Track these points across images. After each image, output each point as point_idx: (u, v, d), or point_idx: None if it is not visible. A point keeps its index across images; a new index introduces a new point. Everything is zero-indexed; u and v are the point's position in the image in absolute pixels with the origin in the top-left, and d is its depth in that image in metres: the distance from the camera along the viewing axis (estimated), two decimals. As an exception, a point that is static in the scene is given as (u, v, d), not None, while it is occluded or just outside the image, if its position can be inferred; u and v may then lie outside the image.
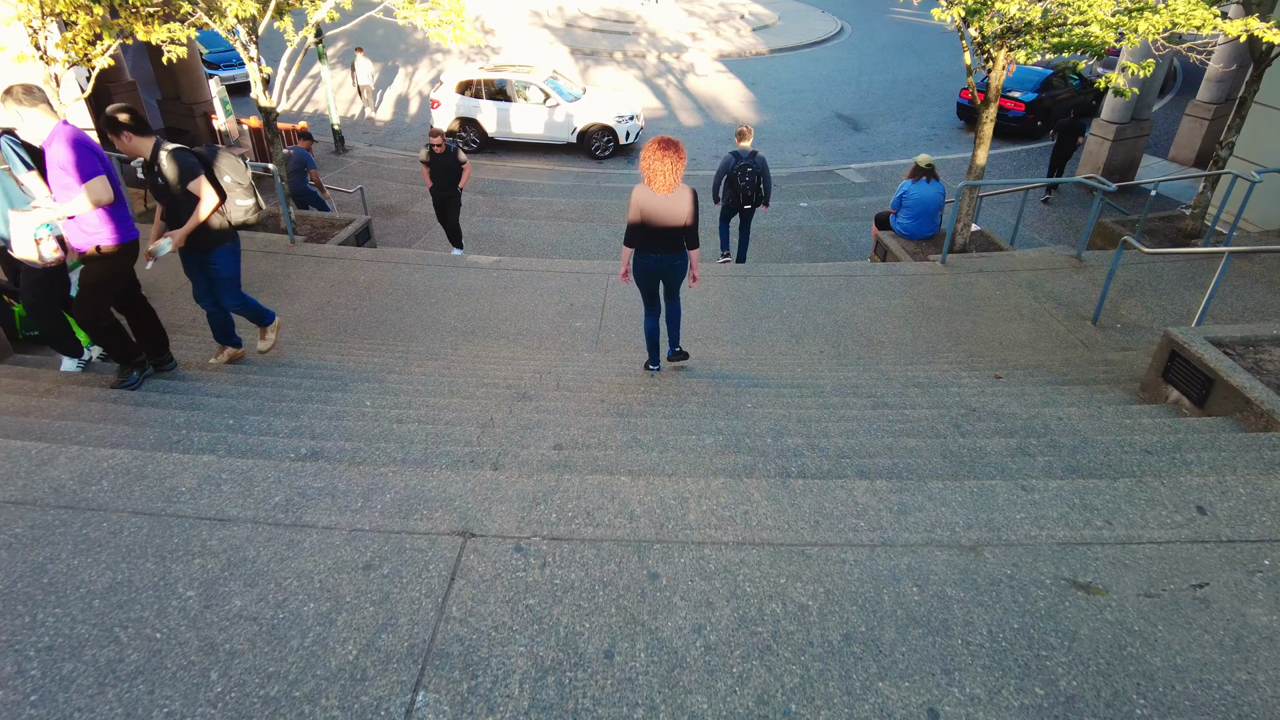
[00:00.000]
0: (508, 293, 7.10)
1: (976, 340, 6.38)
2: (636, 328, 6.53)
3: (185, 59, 15.08)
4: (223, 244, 4.25)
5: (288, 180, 10.37)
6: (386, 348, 5.75)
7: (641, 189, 4.44)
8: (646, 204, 4.40)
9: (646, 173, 4.33)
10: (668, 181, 4.28)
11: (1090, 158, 14.14)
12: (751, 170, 7.93)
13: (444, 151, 8.71)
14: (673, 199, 4.37)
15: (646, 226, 4.48)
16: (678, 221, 4.44)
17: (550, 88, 15.24)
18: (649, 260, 4.66)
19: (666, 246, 4.56)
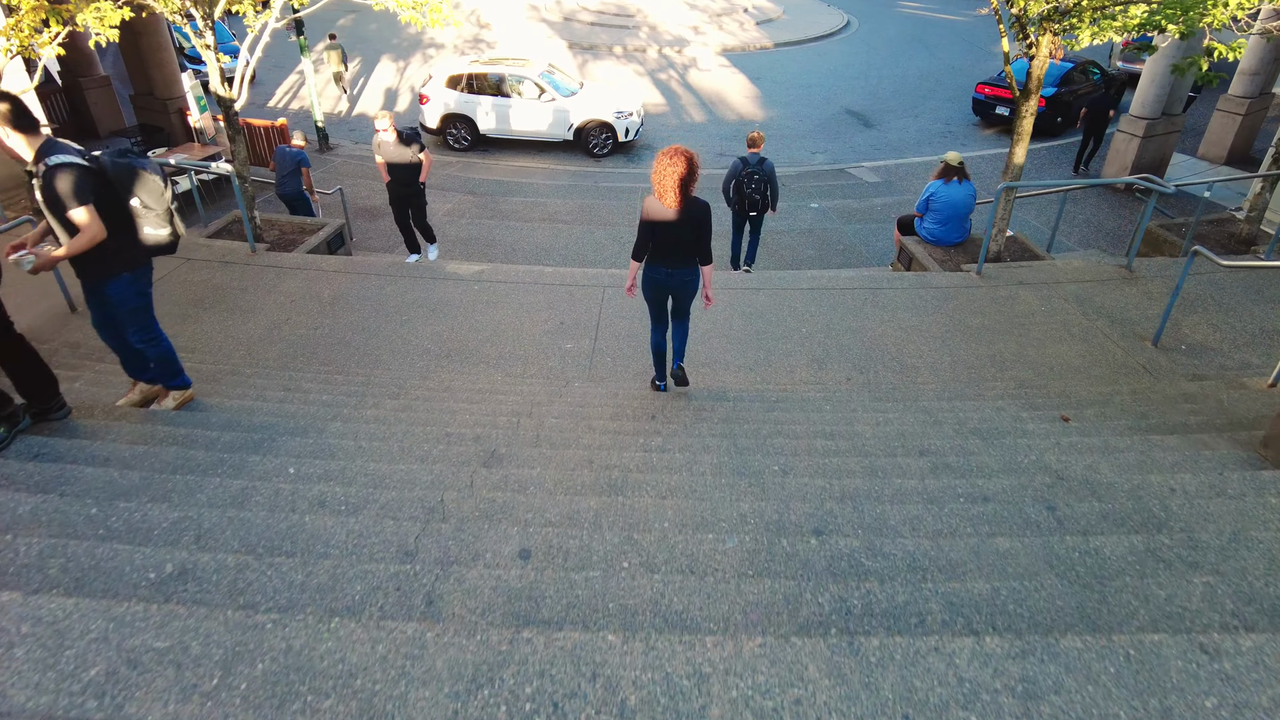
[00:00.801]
0: (490, 308, 6.29)
1: (1024, 365, 5.57)
2: (634, 350, 5.73)
3: (158, 50, 14.34)
4: (117, 275, 3.43)
5: (282, 182, 9.59)
6: (344, 378, 4.95)
7: (651, 201, 4.26)
8: (656, 216, 4.22)
9: (657, 186, 4.16)
10: (677, 196, 4.09)
11: (1118, 155, 13.31)
12: (759, 178, 7.68)
13: (398, 140, 7.37)
14: (683, 212, 4.17)
15: (657, 239, 4.30)
16: (691, 235, 4.25)
17: (545, 82, 14.42)
18: (658, 273, 4.43)
19: (677, 260, 4.36)
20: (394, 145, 7.34)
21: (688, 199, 4.18)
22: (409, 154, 7.41)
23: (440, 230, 11.48)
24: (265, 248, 7.41)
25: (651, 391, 4.91)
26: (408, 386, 4.77)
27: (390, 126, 7.31)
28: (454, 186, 13.23)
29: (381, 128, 7.28)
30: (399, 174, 7.56)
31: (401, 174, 7.56)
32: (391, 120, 7.29)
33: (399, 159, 7.43)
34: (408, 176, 7.59)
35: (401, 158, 7.41)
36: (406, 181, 7.64)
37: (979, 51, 23.47)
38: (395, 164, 7.50)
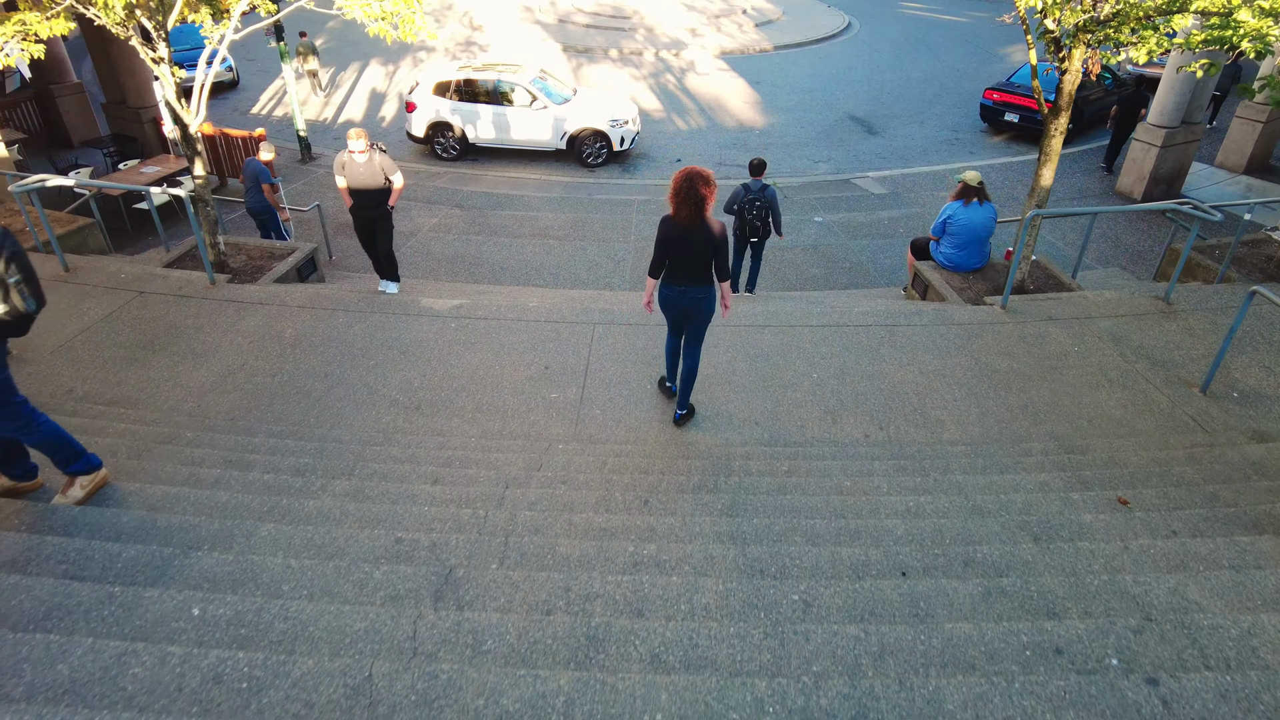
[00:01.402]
0: (467, 350, 5.70)
1: (1060, 417, 4.99)
2: (625, 399, 5.14)
3: (130, 56, 13.70)
4: None
5: (248, 196, 9.01)
6: (295, 444, 4.35)
7: (668, 220, 4.34)
8: (672, 235, 4.32)
9: (674, 205, 4.23)
10: (694, 214, 4.17)
11: (1135, 165, 12.75)
12: (760, 204, 7.52)
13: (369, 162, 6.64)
14: (699, 232, 4.25)
15: (673, 257, 4.39)
16: (706, 254, 4.33)
17: (537, 89, 13.83)
18: (673, 292, 4.52)
19: (692, 279, 4.43)
20: (362, 167, 6.62)
21: (704, 219, 4.24)
22: (378, 179, 6.68)
23: (425, 247, 10.91)
24: (227, 278, 6.81)
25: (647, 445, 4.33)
26: (366, 456, 4.18)
27: (366, 147, 6.57)
28: (441, 199, 12.64)
29: (355, 148, 6.51)
30: (364, 196, 6.80)
31: (367, 196, 6.81)
32: (367, 139, 6.57)
33: (367, 183, 6.70)
34: (374, 199, 6.83)
35: (369, 182, 6.68)
36: (372, 204, 6.86)
37: (983, 54, 22.91)
38: (360, 189, 6.73)
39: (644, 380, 5.35)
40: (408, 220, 11.74)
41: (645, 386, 5.28)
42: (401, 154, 14.88)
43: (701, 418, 4.97)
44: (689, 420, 4.92)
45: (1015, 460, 4.28)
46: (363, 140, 6.53)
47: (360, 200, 6.83)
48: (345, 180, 6.69)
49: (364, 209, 6.90)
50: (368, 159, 6.61)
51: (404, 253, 10.69)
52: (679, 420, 4.88)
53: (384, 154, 6.70)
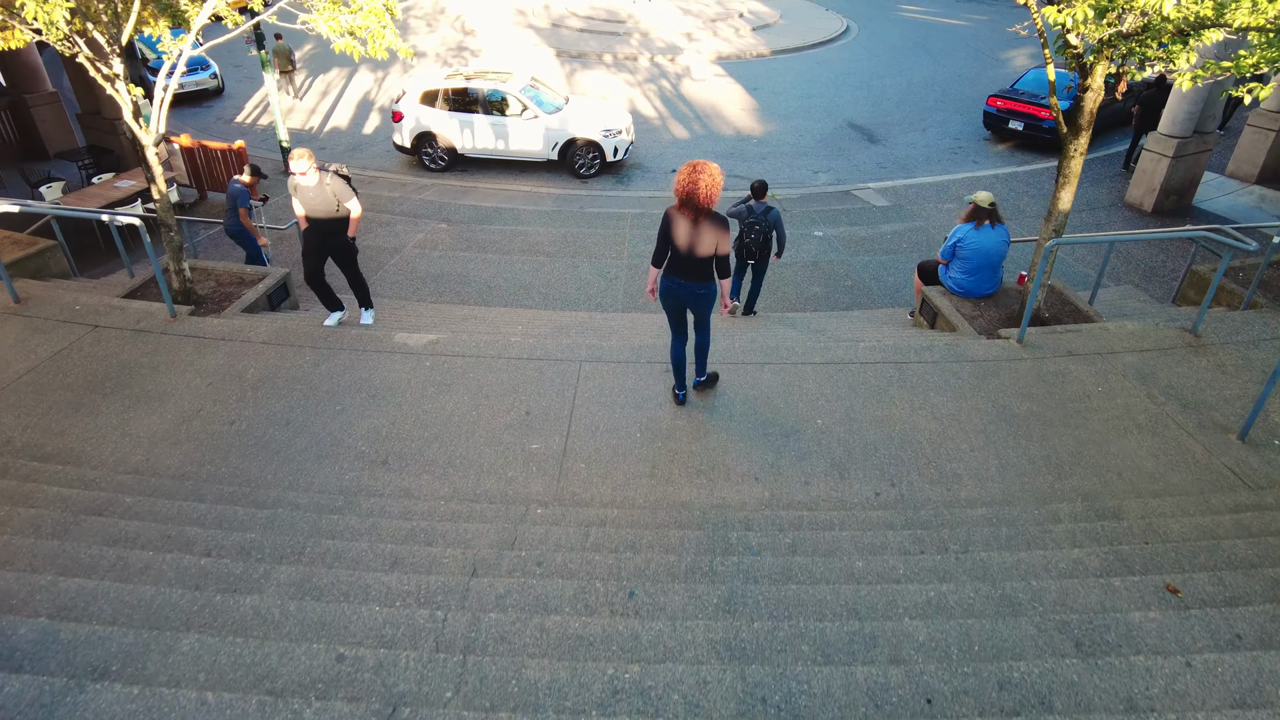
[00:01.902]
0: (442, 393, 5.26)
1: (1087, 470, 4.57)
2: (613, 450, 4.71)
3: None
4: None
5: (226, 218, 8.57)
6: (245, 512, 3.91)
7: (673, 211, 4.38)
8: (677, 227, 4.35)
9: (679, 196, 4.26)
10: (700, 207, 4.23)
11: (1145, 176, 12.36)
12: (759, 228, 7.31)
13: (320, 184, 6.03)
14: (704, 226, 4.31)
15: (675, 250, 4.43)
16: (708, 249, 4.36)
17: (528, 98, 13.41)
18: (674, 284, 4.58)
19: (694, 274, 4.48)
20: (312, 191, 6.03)
21: (709, 212, 4.27)
22: (330, 205, 6.10)
23: (410, 265, 10.47)
24: (189, 310, 6.37)
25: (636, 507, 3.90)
26: (321, 529, 3.74)
27: (311, 168, 5.95)
28: (428, 213, 12.21)
29: (298, 169, 5.90)
30: (320, 224, 6.22)
31: (322, 224, 6.22)
32: (312, 159, 5.98)
33: (319, 209, 6.11)
34: (329, 227, 6.24)
35: (322, 207, 6.09)
36: (328, 231, 6.25)
37: (985, 59, 22.53)
38: (314, 216, 6.18)
39: (632, 426, 4.92)
40: (392, 236, 11.31)
41: (634, 434, 4.85)
42: (388, 165, 14.46)
43: (696, 471, 4.54)
44: (708, 387, 5.24)
45: (1042, 529, 3.85)
46: (306, 160, 5.92)
47: (315, 227, 6.23)
48: (300, 205, 6.18)
49: (320, 235, 6.26)
50: (317, 182, 6.02)
51: (387, 270, 10.27)
52: (698, 386, 5.22)
53: (341, 178, 6.23)
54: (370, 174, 14.08)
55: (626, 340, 6.12)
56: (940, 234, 11.47)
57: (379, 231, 11.47)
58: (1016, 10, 28.95)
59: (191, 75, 17.76)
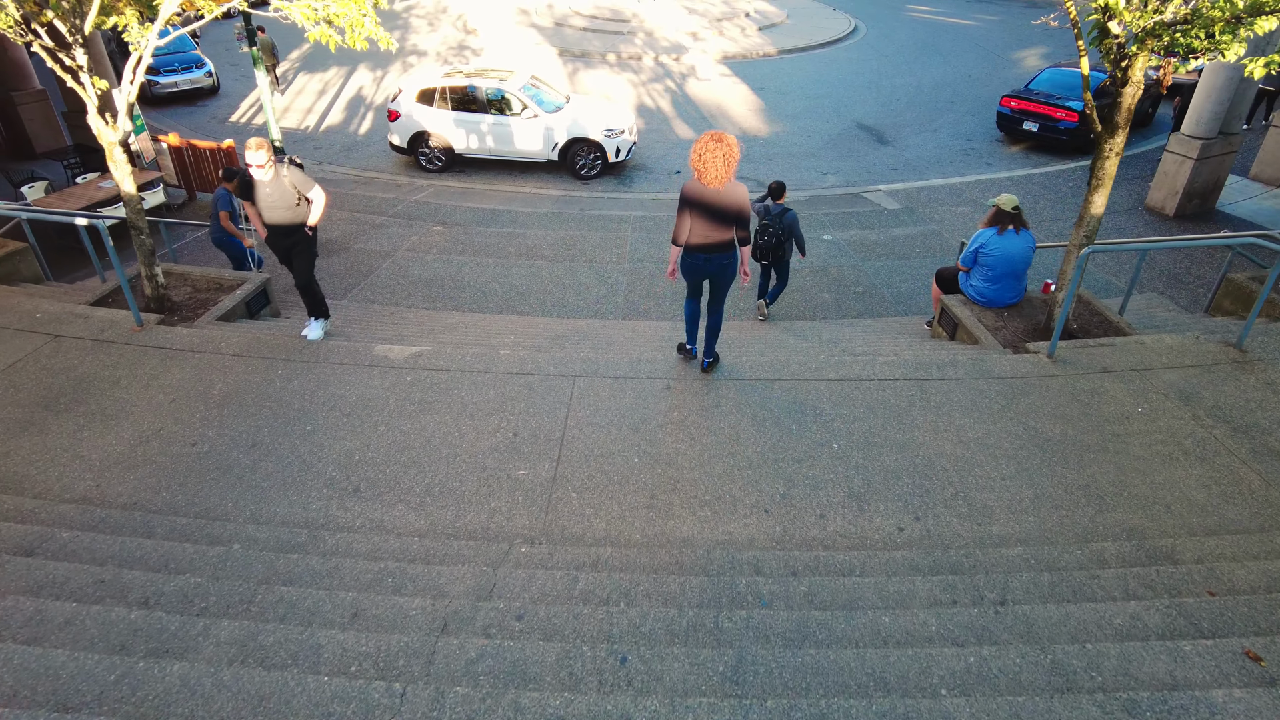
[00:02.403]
0: (423, 412, 4.83)
1: (1131, 503, 4.12)
2: (608, 477, 4.28)
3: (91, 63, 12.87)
4: None
5: (211, 223, 8.21)
6: (195, 550, 3.50)
7: (692, 184, 4.39)
8: (697, 199, 4.36)
9: (698, 166, 4.29)
10: (720, 175, 4.26)
11: (1167, 179, 11.89)
12: (774, 230, 7.32)
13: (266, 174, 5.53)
14: (725, 194, 4.34)
15: (696, 223, 4.44)
16: (729, 219, 4.42)
17: (527, 96, 13.00)
18: (697, 259, 4.60)
19: (717, 245, 4.52)
20: (268, 186, 5.55)
21: (727, 183, 4.32)
22: (290, 200, 5.61)
23: (402, 269, 10.06)
24: (157, 319, 5.96)
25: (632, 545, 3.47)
26: (277, 571, 3.32)
27: (268, 160, 5.48)
28: (423, 215, 11.81)
29: (253, 161, 5.40)
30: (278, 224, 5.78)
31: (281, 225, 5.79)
32: (269, 150, 5.51)
33: (277, 206, 5.62)
34: (288, 226, 5.79)
35: (280, 204, 5.61)
36: (286, 232, 5.79)
37: (996, 59, 22.06)
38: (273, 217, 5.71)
39: (630, 451, 4.49)
40: (385, 239, 10.91)
41: (631, 459, 4.42)
42: (384, 165, 14.07)
43: (700, 503, 4.11)
44: (715, 368, 5.20)
45: (1089, 575, 3.41)
46: (262, 152, 5.41)
47: (274, 229, 5.76)
48: (255, 202, 5.67)
49: (279, 237, 5.81)
50: (273, 176, 5.55)
51: (379, 274, 9.86)
52: (706, 369, 5.16)
53: (297, 168, 5.80)
54: (365, 174, 13.70)
55: (625, 353, 5.69)
56: (954, 238, 11.02)
57: (372, 234, 11.08)
58: (1028, 10, 28.46)
59: (186, 74, 17.43)
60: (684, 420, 4.73)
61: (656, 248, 10.69)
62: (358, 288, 9.59)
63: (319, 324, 6.04)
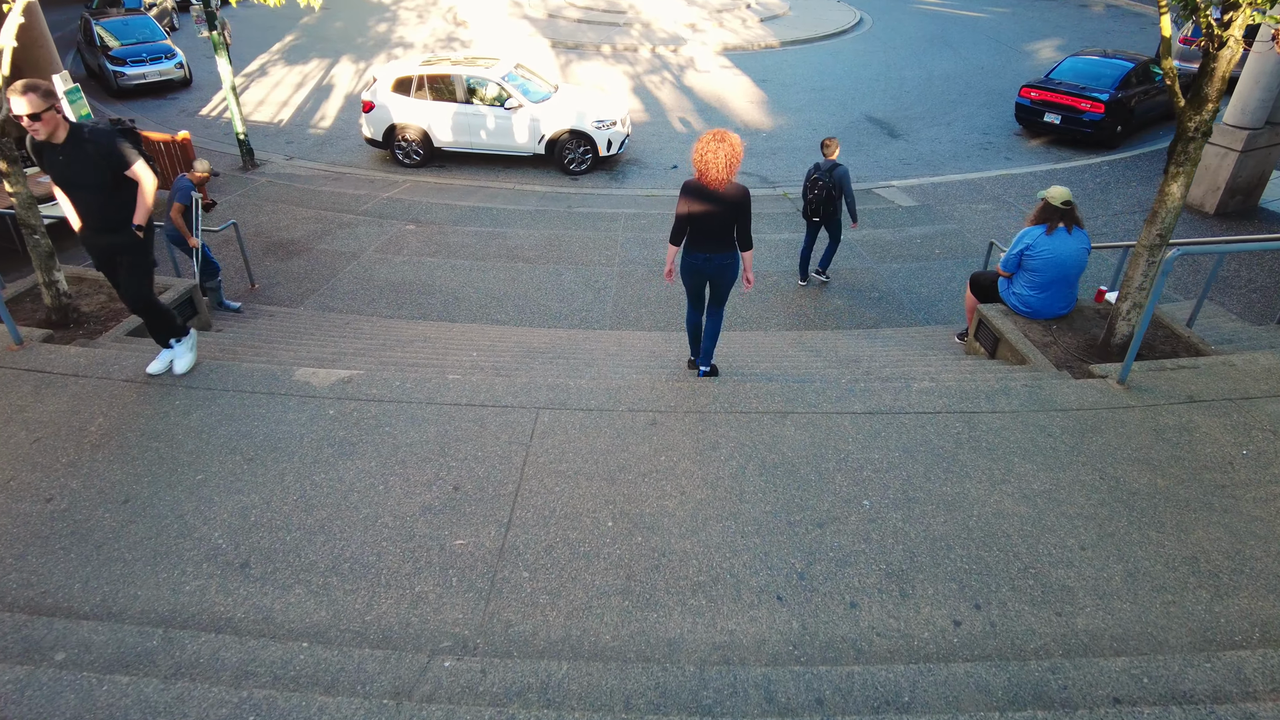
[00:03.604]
0: (344, 456, 3.85)
1: (1259, 584, 3.14)
2: (574, 546, 3.30)
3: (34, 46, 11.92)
4: None
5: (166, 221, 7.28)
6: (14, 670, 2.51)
7: (692, 182, 4.26)
8: (697, 199, 4.23)
9: (698, 165, 4.16)
10: (721, 175, 4.12)
11: (1207, 173, 10.88)
12: (823, 184, 7.55)
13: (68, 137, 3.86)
14: (725, 194, 4.19)
15: (695, 223, 4.31)
16: (729, 220, 4.26)
17: (512, 85, 12.02)
18: (696, 259, 4.43)
19: (716, 245, 4.36)
20: (66, 152, 3.88)
21: (728, 182, 4.17)
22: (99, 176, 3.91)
23: (367, 272, 9.08)
24: (44, 335, 4.97)
25: (601, 657, 2.49)
26: (91, 708, 2.33)
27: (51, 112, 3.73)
28: (395, 213, 10.83)
29: (19, 110, 3.62)
30: (89, 207, 4.05)
31: (93, 206, 4.03)
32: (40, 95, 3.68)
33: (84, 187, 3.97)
34: (105, 211, 4.03)
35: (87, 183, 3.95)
36: (106, 223, 4.06)
37: (1008, 51, 21.07)
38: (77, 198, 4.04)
39: (603, 510, 3.51)
40: (352, 239, 9.94)
41: (604, 522, 3.44)
42: (359, 160, 13.09)
43: (691, 584, 3.13)
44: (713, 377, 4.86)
45: (1237, 712, 2.41)
46: (32, 97, 3.64)
47: (84, 212, 4.06)
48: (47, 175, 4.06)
49: (94, 229, 4.10)
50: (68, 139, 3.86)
51: (341, 278, 8.89)
52: (703, 375, 4.85)
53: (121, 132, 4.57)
54: (337, 170, 12.73)
55: (604, 378, 4.71)
56: (977, 237, 10.04)
57: (338, 234, 10.11)
58: (1039, 2, 27.45)
59: (155, 65, 16.46)
60: (673, 468, 3.74)
61: (650, 248, 9.71)
62: (316, 293, 8.62)
63: (179, 349, 4.45)
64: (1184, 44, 16.78)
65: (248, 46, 20.17)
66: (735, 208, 4.22)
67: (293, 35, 21.87)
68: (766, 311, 8.16)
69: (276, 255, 9.58)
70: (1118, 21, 24.64)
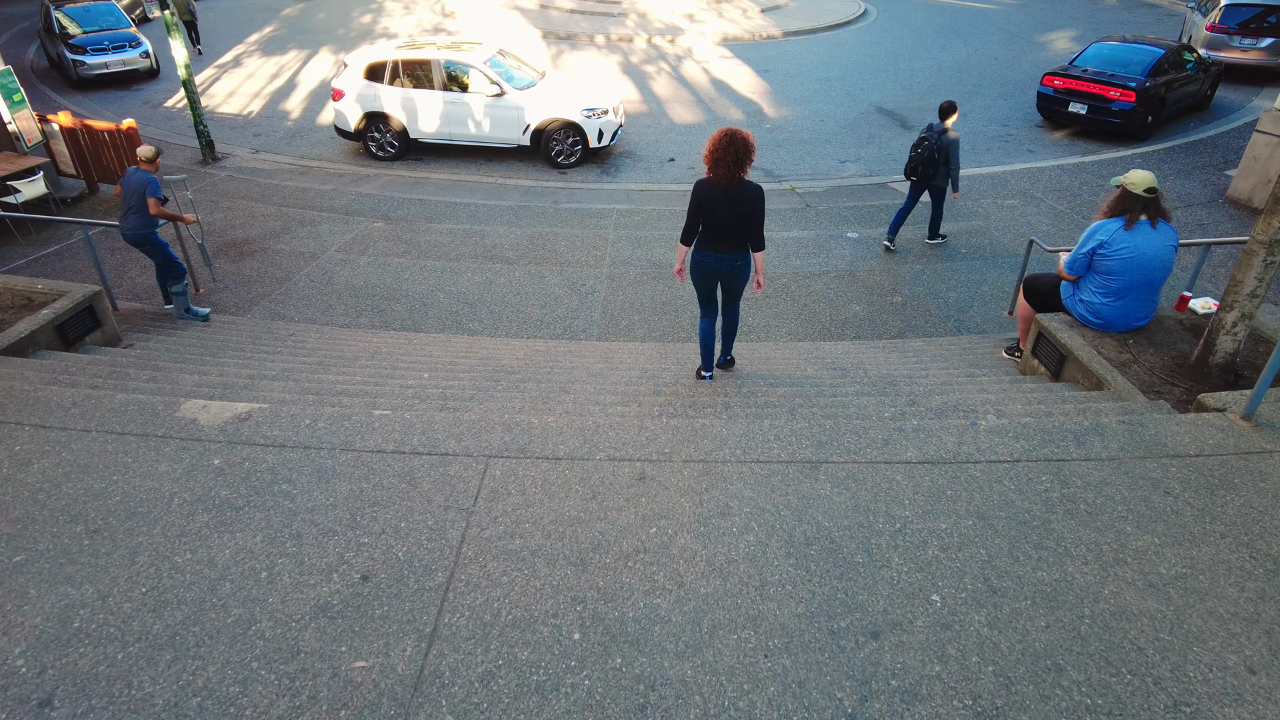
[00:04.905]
0: (220, 527, 2.83)
1: None
2: (526, 668, 2.29)
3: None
4: None
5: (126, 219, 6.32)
6: None
7: (704, 180, 4.20)
8: (707, 197, 4.17)
9: (709, 163, 4.12)
10: (731, 173, 4.06)
11: (1256, 165, 9.92)
12: (928, 144, 7.62)
13: None
14: (736, 193, 4.14)
15: (707, 222, 4.23)
16: (742, 219, 4.19)
17: (494, 71, 11.02)
18: (708, 259, 4.35)
19: (728, 245, 4.29)
20: None
21: (741, 180, 4.11)
22: None
23: (327, 274, 8.08)
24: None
25: None
26: None
27: None
28: (363, 209, 9.83)
29: None
30: None
31: None
32: None
33: None
34: None
35: None
36: None
37: (1021, 42, 20.11)
38: None
39: (565, 613, 2.50)
40: (313, 238, 8.94)
41: (569, 634, 2.43)
42: (329, 154, 12.07)
43: (692, 733, 2.12)
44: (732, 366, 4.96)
45: None
46: None
47: None
48: None
49: None
50: None
51: (296, 281, 7.90)
52: (723, 365, 4.94)
53: None
54: (305, 163, 11.71)
55: (578, 412, 3.70)
56: (1005, 235, 9.07)
57: (298, 232, 9.11)
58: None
59: (118, 54, 15.42)
60: (667, 545, 2.74)
61: (644, 247, 8.72)
62: (268, 299, 7.62)
63: None
64: (1210, 31, 15.84)
65: (224, 38, 19.19)
66: (748, 207, 4.13)
67: (272, 27, 20.88)
68: (776, 318, 7.18)
69: (228, 256, 8.57)
70: (1132, 13, 23.70)
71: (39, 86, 15.56)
